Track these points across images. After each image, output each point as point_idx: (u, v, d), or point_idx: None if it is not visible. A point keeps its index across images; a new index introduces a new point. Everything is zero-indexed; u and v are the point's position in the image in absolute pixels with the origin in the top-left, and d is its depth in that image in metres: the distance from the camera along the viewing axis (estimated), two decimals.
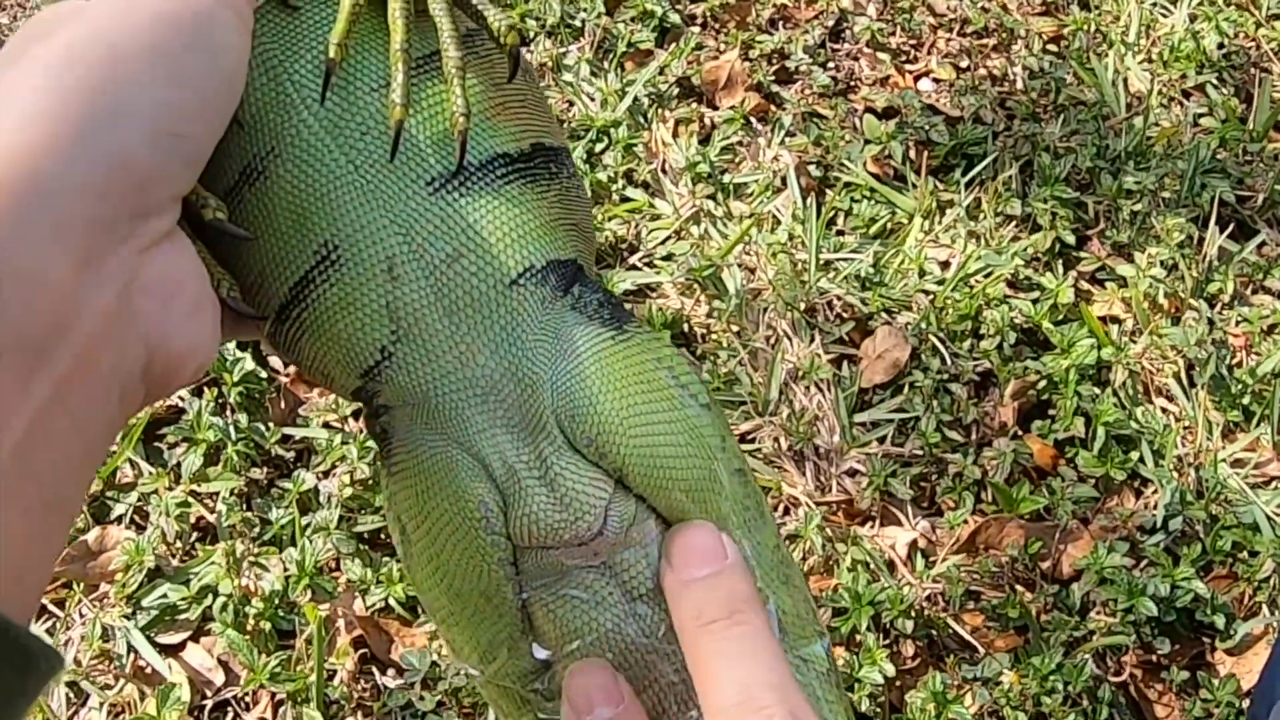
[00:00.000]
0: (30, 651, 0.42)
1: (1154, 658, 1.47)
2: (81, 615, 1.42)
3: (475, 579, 0.57)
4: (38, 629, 1.41)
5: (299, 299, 0.59)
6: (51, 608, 1.43)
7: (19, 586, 0.44)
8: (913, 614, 1.43)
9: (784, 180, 1.76)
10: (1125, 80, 1.94)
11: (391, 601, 1.40)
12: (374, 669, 1.39)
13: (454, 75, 0.58)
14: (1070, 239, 1.74)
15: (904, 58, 2.01)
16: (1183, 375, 1.65)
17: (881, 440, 1.55)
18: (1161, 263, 1.71)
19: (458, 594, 0.58)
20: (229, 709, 1.38)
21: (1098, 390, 1.61)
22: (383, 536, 1.46)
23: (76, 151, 0.47)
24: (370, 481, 1.46)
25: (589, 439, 0.57)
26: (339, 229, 0.58)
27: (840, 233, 1.72)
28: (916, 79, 1.97)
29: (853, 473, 1.53)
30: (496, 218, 0.59)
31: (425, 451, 0.58)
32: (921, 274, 1.67)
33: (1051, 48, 2.01)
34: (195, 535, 1.47)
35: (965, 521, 1.50)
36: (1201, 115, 1.93)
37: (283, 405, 1.54)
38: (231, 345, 1.53)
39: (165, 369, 0.52)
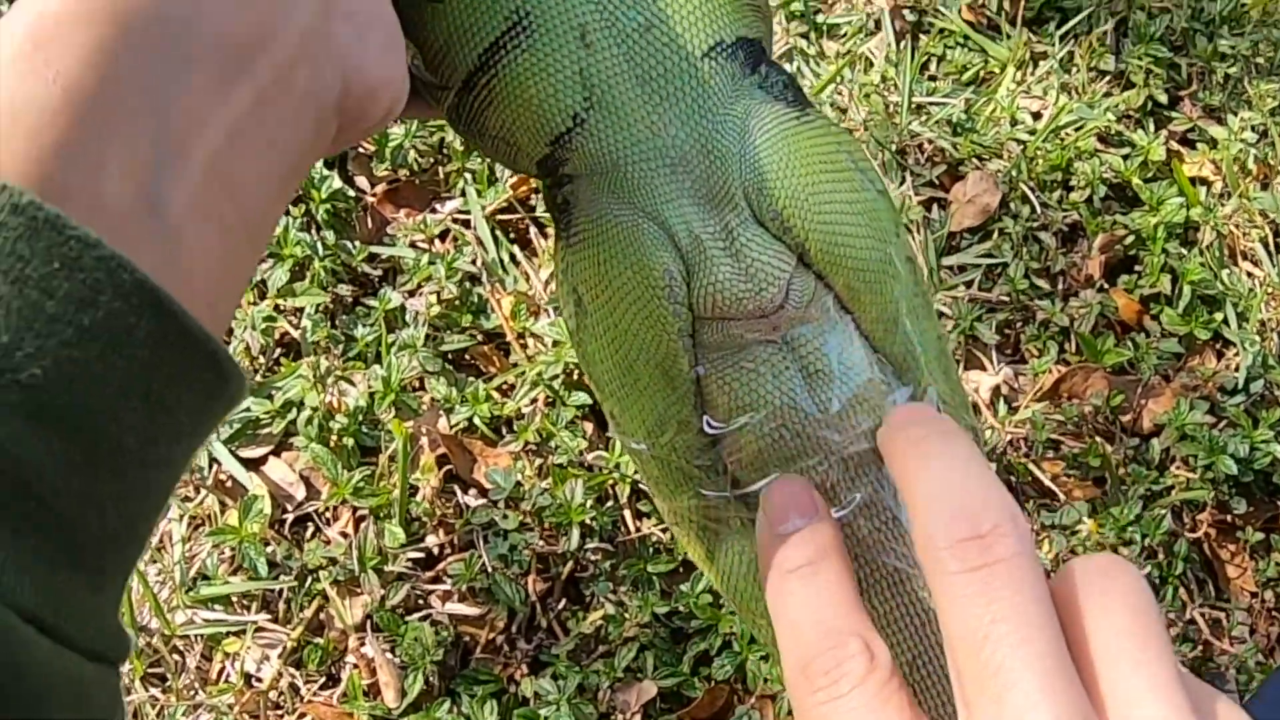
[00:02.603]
0: (224, 370, 0.42)
1: (1229, 518, 1.48)
2: None
3: (652, 350, 0.57)
4: None
5: (488, 66, 0.59)
6: None
7: (211, 312, 0.43)
8: (994, 458, 1.43)
9: (877, 23, 1.73)
10: None
11: (476, 421, 1.40)
12: (456, 488, 1.40)
13: None
14: (1163, 98, 1.71)
15: None
16: (1270, 241, 1.64)
17: (969, 284, 1.54)
18: (1253, 128, 1.70)
19: (631, 366, 0.58)
20: (309, 523, 1.39)
21: (1184, 250, 1.60)
22: (467, 357, 1.46)
23: None
24: (457, 302, 1.46)
25: (775, 212, 0.57)
26: None
27: (933, 78, 1.70)
28: None
29: (939, 315, 1.52)
30: None
31: (610, 220, 0.58)
32: (1013, 123, 1.65)
33: None
34: (279, 351, 1.47)
35: (1049, 370, 1.49)
36: None
37: (369, 224, 1.53)
38: (320, 164, 1.52)
39: (359, 101, 0.51)
